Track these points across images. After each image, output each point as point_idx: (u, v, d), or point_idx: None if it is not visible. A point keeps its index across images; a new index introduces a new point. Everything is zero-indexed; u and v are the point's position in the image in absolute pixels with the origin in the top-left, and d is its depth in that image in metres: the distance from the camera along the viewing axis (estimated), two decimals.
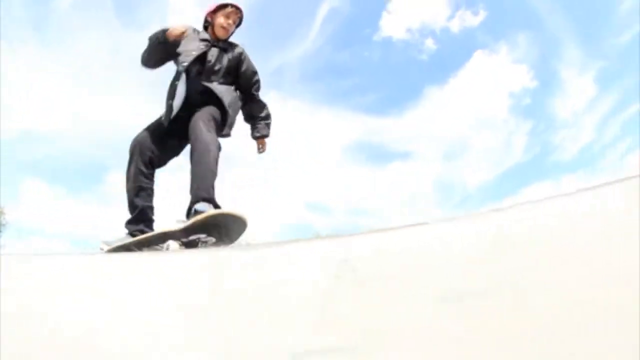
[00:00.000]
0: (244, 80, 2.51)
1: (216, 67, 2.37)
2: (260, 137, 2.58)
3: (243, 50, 2.53)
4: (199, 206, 1.97)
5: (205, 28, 2.52)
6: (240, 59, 2.49)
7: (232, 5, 2.47)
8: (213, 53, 2.39)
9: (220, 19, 2.44)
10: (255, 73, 2.57)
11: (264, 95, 2.68)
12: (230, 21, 2.46)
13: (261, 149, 2.61)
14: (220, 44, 2.45)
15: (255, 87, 2.58)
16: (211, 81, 2.34)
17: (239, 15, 2.51)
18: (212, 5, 2.50)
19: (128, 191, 2.23)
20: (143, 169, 2.22)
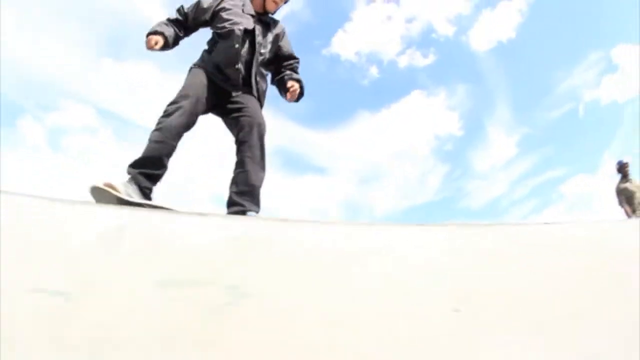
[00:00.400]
0: (279, 61, 2.31)
1: (262, 50, 2.18)
2: (293, 80, 2.23)
3: (284, 28, 2.34)
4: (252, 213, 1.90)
5: None
6: (280, 38, 2.31)
7: None
8: (259, 30, 2.18)
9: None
10: (292, 56, 2.34)
11: None
12: (276, 5, 2.26)
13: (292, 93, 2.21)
14: (266, 18, 2.25)
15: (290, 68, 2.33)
16: (258, 63, 2.16)
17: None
18: None
19: (161, 142, 1.88)
20: (183, 130, 1.95)
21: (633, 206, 5.51)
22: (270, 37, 2.22)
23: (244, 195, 1.90)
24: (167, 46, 2.09)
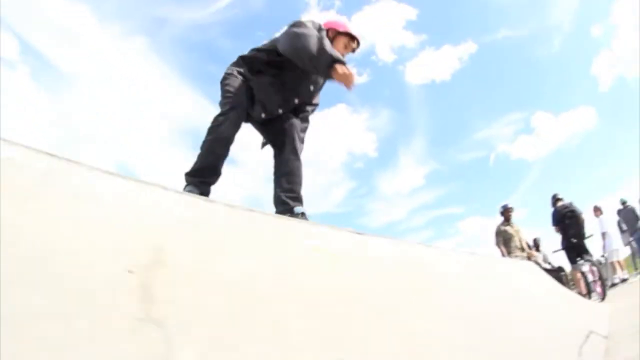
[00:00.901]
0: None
1: (313, 89, 2.39)
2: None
3: None
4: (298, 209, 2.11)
5: None
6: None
7: (358, 43, 2.43)
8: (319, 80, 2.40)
9: (340, 45, 2.33)
10: None
11: None
12: (345, 53, 2.36)
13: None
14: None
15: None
16: (310, 98, 2.42)
17: (352, 52, 2.43)
18: (342, 26, 2.39)
19: (215, 152, 2.07)
20: (233, 139, 2.13)
21: (509, 248, 5.91)
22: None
23: (289, 193, 2.15)
24: None
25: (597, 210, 8.34)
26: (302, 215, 2.09)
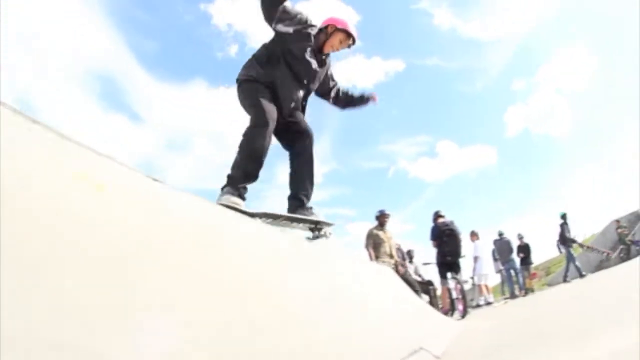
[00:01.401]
0: (324, 85, 2.72)
1: (314, 83, 2.60)
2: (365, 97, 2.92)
3: (330, 60, 2.71)
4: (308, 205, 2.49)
5: (319, 30, 2.51)
6: (328, 68, 2.71)
7: (354, 41, 2.59)
8: (315, 63, 2.53)
9: (336, 40, 2.52)
10: (332, 79, 2.79)
11: None
12: (340, 48, 2.57)
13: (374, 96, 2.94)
14: (321, 56, 2.57)
15: (333, 91, 2.80)
16: (309, 90, 2.62)
17: (347, 47, 2.62)
18: (342, 22, 2.53)
19: (255, 162, 2.27)
20: (268, 149, 2.32)
21: (378, 253, 5.70)
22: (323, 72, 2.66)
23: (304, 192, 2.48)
24: None
25: (474, 235, 8.68)
26: (311, 209, 2.48)
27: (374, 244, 5.70)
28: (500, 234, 9.70)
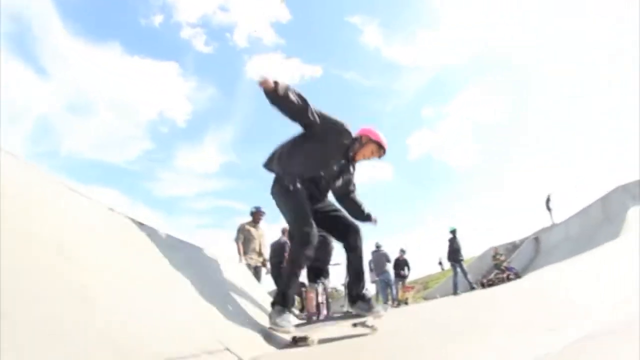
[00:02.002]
0: (344, 187, 2.91)
1: (338, 184, 2.82)
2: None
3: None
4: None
5: (354, 139, 2.70)
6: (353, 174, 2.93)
7: (384, 153, 2.81)
8: (345, 168, 2.79)
9: (367, 151, 2.75)
10: (353, 185, 2.99)
11: None
12: (371, 158, 2.81)
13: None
14: (350, 162, 2.81)
15: (349, 194, 3.00)
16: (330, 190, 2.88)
17: (378, 157, 2.84)
18: (375, 135, 2.74)
19: (289, 277, 2.54)
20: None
21: (246, 248, 5.60)
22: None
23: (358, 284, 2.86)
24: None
25: None
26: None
27: (244, 239, 5.53)
28: (378, 246, 10.20)
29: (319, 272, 5.94)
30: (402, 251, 11.45)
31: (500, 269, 12.46)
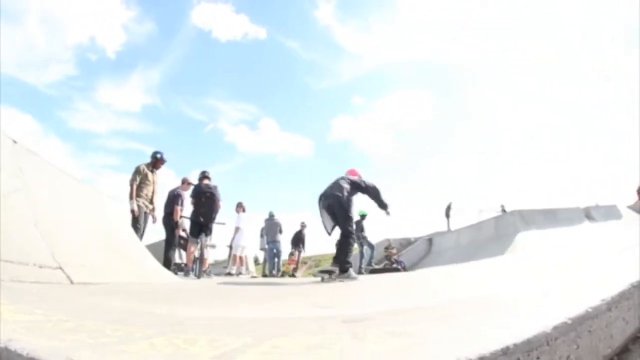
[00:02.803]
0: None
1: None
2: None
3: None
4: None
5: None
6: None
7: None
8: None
9: None
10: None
11: None
12: None
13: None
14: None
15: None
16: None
17: None
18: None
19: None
20: None
21: (140, 191, 5.54)
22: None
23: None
24: None
25: (240, 207, 9.00)
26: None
27: (140, 182, 5.50)
28: (271, 215, 10.31)
29: (201, 228, 6.14)
30: (303, 225, 11.80)
31: (390, 261, 13.08)
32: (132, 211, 5.33)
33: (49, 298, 1.51)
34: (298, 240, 11.77)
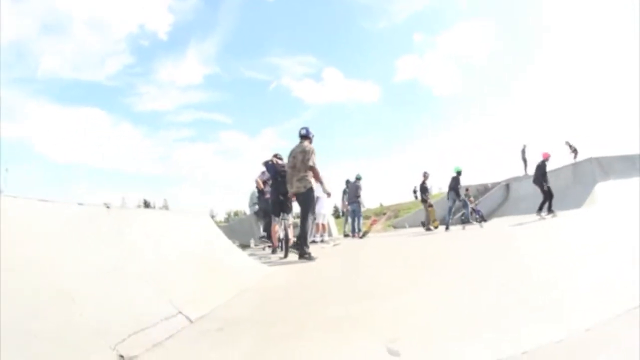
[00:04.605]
0: None
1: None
2: None
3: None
4: None
5: None
6: None
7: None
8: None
9: None
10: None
11: None
12: None
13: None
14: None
15: None
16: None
17: None
18: None
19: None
20: None
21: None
22: None
23: None
24: None
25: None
26: None
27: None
28: (358, 178, 10.91)
29: (282, 206, 6.43)
30: (425, 175, 12.13)
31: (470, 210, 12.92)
32: (329, 193, 6.11)
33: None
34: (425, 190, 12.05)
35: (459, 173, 11.05)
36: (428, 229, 11.40)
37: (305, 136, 5.70)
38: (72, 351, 1.49)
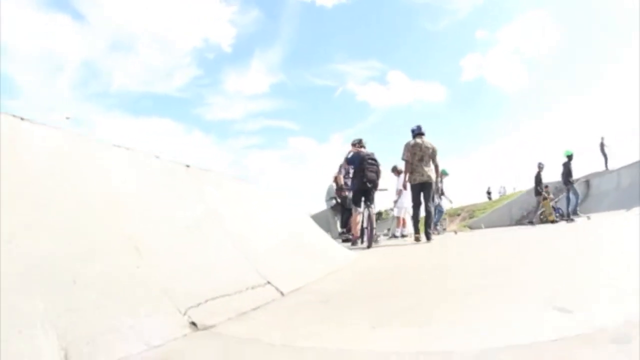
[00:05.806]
0: None
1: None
2: None
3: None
4: None
5: None
6: None
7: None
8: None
9: None
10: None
11: None
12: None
13: None
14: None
15: None
16: None
17: None
18: None
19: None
20: None
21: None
22: None
23: None
24: None
25: (395, 171, 8.97)
26: None
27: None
28: (444, 173, 10.14)
29: (366, 195, 6.04)
30: (540, 166, 11.23)
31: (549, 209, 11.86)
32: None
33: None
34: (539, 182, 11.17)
35: (569, 157, 9.61)
36: (531, 223, 10.04)
37: (422, 133, 6.31)
38: (124, 306, 1.15)
